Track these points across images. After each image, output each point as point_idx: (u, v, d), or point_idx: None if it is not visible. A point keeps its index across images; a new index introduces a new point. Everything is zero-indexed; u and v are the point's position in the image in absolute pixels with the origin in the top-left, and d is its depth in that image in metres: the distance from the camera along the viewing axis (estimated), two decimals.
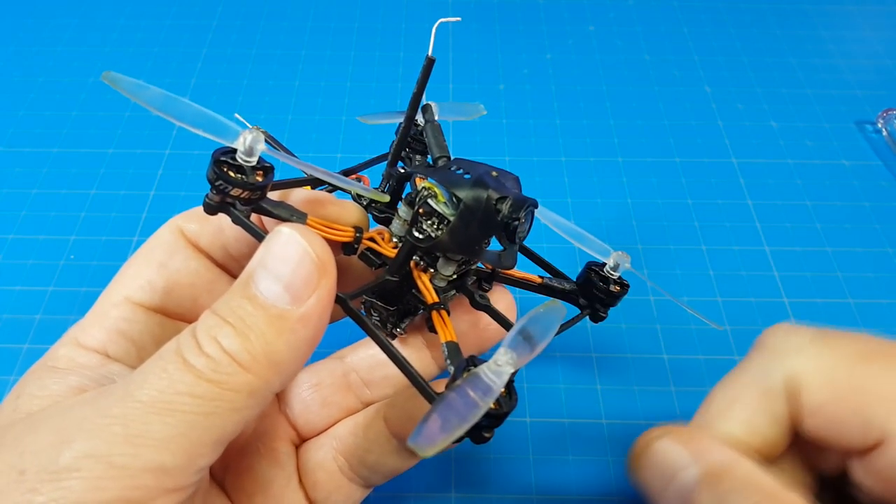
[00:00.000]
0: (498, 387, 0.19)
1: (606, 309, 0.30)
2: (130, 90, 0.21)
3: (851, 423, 0.23)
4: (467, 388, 0.19)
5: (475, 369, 0.19)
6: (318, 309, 0.20)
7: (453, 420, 0.18)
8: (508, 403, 0.20)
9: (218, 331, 0.20)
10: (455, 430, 0.18)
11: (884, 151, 0.49)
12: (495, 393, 0.19)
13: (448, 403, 0.19)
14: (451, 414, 0.18)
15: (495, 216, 0.23)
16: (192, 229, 0.26)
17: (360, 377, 0.29)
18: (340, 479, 0.28)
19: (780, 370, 0.25)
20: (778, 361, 0.25)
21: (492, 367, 0.19)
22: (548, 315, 0.22)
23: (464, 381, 0.19)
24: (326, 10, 0.60)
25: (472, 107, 0.34)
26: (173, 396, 0.19)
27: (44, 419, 0.20)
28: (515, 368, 0.19)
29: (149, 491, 0.19)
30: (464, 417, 0.18)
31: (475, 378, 0.19)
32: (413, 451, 0.18)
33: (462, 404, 0.19)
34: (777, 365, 0.25)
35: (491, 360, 0.19)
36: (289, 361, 0.20)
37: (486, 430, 0.20)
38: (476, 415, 0.18)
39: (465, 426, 0.18)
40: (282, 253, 0.20)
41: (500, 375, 0.19)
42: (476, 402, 0.18)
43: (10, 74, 0.53)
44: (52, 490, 0.18)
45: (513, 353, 0.19)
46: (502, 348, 0.20)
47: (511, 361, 0.19)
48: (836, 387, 0.24)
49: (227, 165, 0.21)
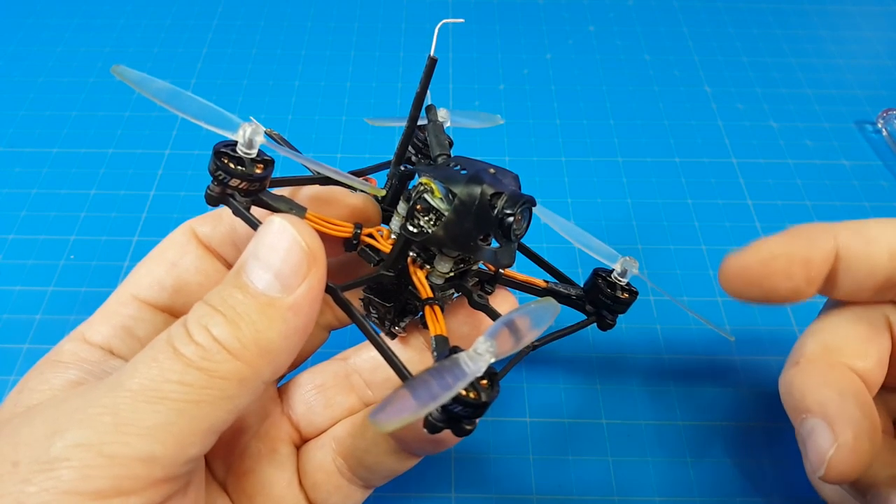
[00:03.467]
0: (473, 372, 0.19)
1: (614, 316, 0.30)
2: (137, 82, 0.21)
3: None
4: (442, 371, 0.19)
5: (454, 356, 0.20)
6: (308, 297, 0.21)
7: (422, 399, 0.18)
8: (489, 394, 0.20)
9: (209, 319, 0.20)
10: (420, 409, 0.18)
11: (884, 151, 0.49)
12: (469, 377, 0.19)
13: (420, 382, 0.19)
14: (421, 393, 0.18)
15: (490, 212, 0.23)
16: (204, 231, 0.27)
17: (363, 378, 0.29)
18: (339, 480, 0.28)
19: (881, 311, 0.27)
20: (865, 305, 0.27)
21: (471, 353, 0.19)
22: (538, 311, 0.22)
23: (440, 364, 0.19)
24: (326, 10, 0.60)
25: (488, 116, 0.35)
26: (162, 384, 0.19)
27: (39, 412, 0.20)
28: (496, 358, 0.19)
29: (139, 480, 0.19)
30: (433, 397, 0.18)
31: (452, 363, 0.19)
32: (372, 424, 0.18)
33: (435, 385, 0.19)
34: (877, 308, 0.27)
35: (471, 348, 0.19)
36: (279, 350, 0.21)
37: (468, 422, 0.20)
38: (445, 397, 0.18)
39: (431, 406, 0.18)
40: (272, 242, 0.21)
41: (476, 362, 0.19)
42: (448, 385, 0.18)
43: (10, 74, 0.53)
44: (43, 480, 0.18)
45: (493, 342, 0.19)
46: (482, 336, 0.20)
47: (491, 350, 0.19)
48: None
49: (228, 157, 0.22)
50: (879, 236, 0.26)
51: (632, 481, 0.34)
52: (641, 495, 0.33)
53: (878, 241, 0.26)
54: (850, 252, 0.26)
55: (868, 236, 0.26)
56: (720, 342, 0.39)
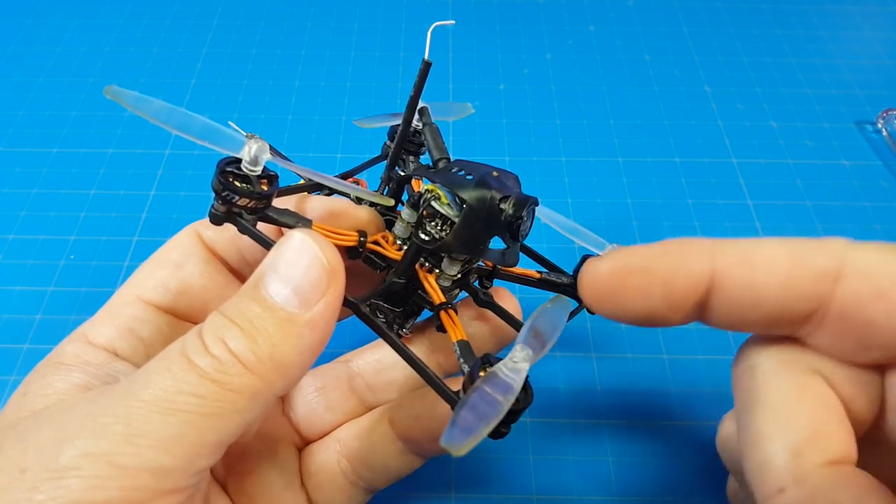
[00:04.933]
0: (518, 384, 0.19)
1: None
2: (133, 104, 0.21)
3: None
4: (487, 388, 0.19)
5: (492, 368, 0.20)
6: (326, 314, 0.21)
7: (478, 421, 0.18)
8: (525, 399, 0.20)
9: (225, 332, 0.20)
10: (481, 430, 0.18)
11: (884, 151, 0.49)
12: (516, 391, 0.19)
13: (471, 405, 0.19)
14: (474, 415, 0.18)
15: (499, 216, 0.23)
16: (210, 234, 0.26)
17: (366, 382, 0.29)
18: (343, 483, 0.28)
19: (806, 363, 0.21)
20: (789, 366, 0.21)
21: (509, 364, 0.20)
22: (555, 310, 0.22)
23: (482, 380, 0.19)
24: (326, 10, 0.60)
25: (460, 106, 0.35)
26: (176, 396, 0.19)
27: (47, 417, 0.20)
28: (531, 363, 0.20)
29: (148, 491, 0.19)
30: (488, 417, 0.18)
31: (493, 377, 0.19)
32: (446, 450, 0.18)
33: (485, 404, 0.19)
34: (794, 367, 0.21)
35: (507, 358, 0.20)
36: (294, 365, 0.20)
37: (504, 426, 0.20)
38: (499, 414, 0.18)
39: (491, 425, 0.18)
40: (293, 257, 0.20)
41: (517, 373, 0.19)
42: (498, 402, 0.19)
43: (10, 74, 0.53)
44: (51, 489, 0.18)
45: (528, 351, 0.20)
46: (518, 345, 0.20)
47: (527, 358, 0.20)
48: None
49: (233, 175, 0.21)
50: (769, 261, 0.21)
51: (632, 481, 0.34)
52: (641, 495, 0.33)
53: (768, 267, 0.21)
54: (729, 279, 0.21)
55: (754, 261, 0.21)
56: (720, 342, 0.39)
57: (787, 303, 0.21)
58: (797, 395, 0.21)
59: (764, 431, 0.21)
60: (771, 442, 0.20)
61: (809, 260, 0.20)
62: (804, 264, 0.20)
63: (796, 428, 0.20)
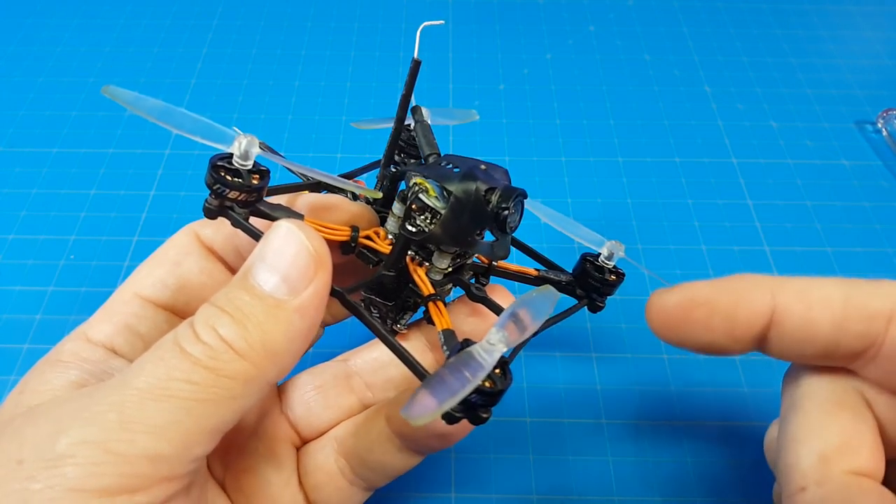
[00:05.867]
0: (489, 364, 0.19)
1: (604, 298, 0.31)
2: (130, 102, 0.22)
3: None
4: (459, 366, 0.19)
5: (468, 349, 0.20)
6: (314, 300, 0.21)
7: (444, 394, 0.18)
8: (503, 382, 0.20)
9: (216, 320, 0.20)
10: (445, 403, 0.18)
11: (884, 151, 0.49)
12: (486, 369, 0.19)
13: (440, 379, 0.19)
14: (442, 389, 0.19)
15: (485, 207, 0.23)
16: (207, 233, 0.27)
17: (364, 380, 0.29)
18: (341, 481, 0.28)
19: (850, 385, 0.23)
20: (832, 381, 0.23)
21: (484, 346, 0.20)
22: (540, 299, 0.22)
23: (455, 358, 0.20)
24: (326, 10, 0.60)
25: (464, 112, 0.36)
26: (169, 383, 0.19)
27: (43, 411, 0.20)
28: (507, 347, 0.20)
29: (144, 478, 0.19)
30: (453, 391, 0.19)
31: (467, 356, 0.20)
32: (405, 420, 0.18)
33: (454, 380, 0.19)
34: (837, 382, 0.23)
35: (483, 340, 0.20)
36: (285, 351, 0.21)
37: (483, 410, 0.21)
38: (466, 389, 0.19)
39: (456, 399, 0.18)
40: (280, 246, 0.21)
41: (490, 353, 0.20)
42: (466, 378, 0.19)
43: (10, 74, 0.53)
44: (48, 477, 0.18)
45: (504, 333, 0.20)
46: (493, 328, 0.20)
47: (502, 340, 0.20)
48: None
49: (225, 170, 0.22)
50: (824, 300, 0.22)
51: (632, 481, 0.34)
52: (641, 495, 0.33)
53: (823, 305, 0.22)
54: (788, 315, 0.23)
55: (810, 300, 0.22)
56: None
57: (840, 340, 0.22)
58: (834, 406, 0.23)
59: (797, 435, 0.22)
60: (802, 445, 0.22)
61: (863, 301, 0.22)
62: (857, 305, 0.22)
63: (828, 436, 0.22)
